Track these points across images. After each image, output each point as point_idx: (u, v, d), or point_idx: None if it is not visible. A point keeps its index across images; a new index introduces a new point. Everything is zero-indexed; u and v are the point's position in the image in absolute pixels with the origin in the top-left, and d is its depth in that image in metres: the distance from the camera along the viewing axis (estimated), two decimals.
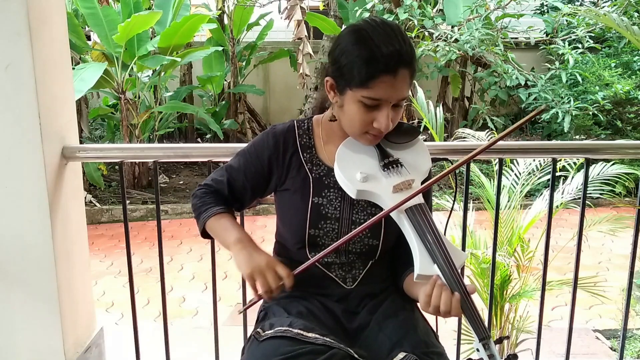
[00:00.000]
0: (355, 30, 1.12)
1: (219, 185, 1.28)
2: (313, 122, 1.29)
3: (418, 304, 1.08)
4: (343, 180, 1.17)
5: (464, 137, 2.67)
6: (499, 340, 1.09)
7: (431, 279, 1.05)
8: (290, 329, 1.11)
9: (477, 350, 1.03)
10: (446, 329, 2.30)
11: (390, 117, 1.12)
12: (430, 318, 1.23)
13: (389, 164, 1.18)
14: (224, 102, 7.15)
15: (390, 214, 1.13)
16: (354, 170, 1.16)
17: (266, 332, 1.13)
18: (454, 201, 1.34)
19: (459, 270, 1.08)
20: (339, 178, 1.18)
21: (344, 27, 4.71)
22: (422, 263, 1.07)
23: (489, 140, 2.57)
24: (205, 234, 1.29)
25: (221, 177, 1.28)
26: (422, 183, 1.19)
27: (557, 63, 6.33)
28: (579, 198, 1.78)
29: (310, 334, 1.10)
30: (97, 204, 5.51)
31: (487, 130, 2.85)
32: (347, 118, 1.15)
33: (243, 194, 1.28)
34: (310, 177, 1.22)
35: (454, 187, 1.30)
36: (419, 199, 1.13)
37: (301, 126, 1.27)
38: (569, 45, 6.29)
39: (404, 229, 1.12)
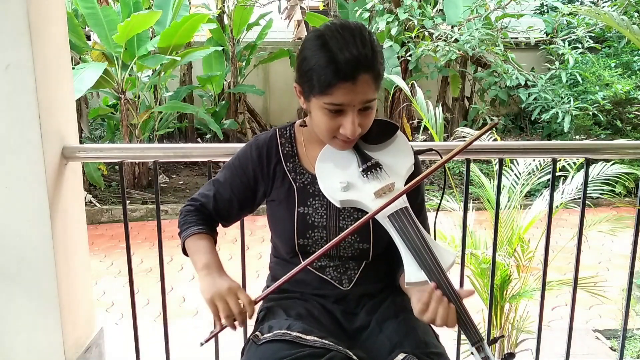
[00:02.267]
0: (317, 36, 1.08)
1: (205, 199, 1.27)
2: (295, 129, 1.27)
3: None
4: (325, 191, 1.15)
5: (464, 137, 2.67)
6: (494, 341, 1.09)
7: (428, 287, 1.03)
8: (289, 332, 1.11)
9: (472, 353, 1.02)
10: (446, 329, 2.29)
11: (359, 122, 1.08)
12: None
13: (369, 168, 1.15)
14: (224, 102, 7.15)
15: (377, 219, 1.11)
16: (334, 180, 1.15)
17: (265, 336, 1.12)
18: (441, 198, 1.32)
19: (448, 273, 1.06)
20: (321, 188, 1.17)
21: None
22: (410, 270, 1.06)
23: (488, 139, 2.57)
24: (186, 252, 1.27)
25: (208, 191, 1.27)
26: (407, 182, 1.17)
27: (557, 63, 6.33)
28: (579, 198, 1.78)
29: (308, 337, 1.09)
30: (97, 204, 5.51)
31: None
32: (315, 124, 1.14)
33: (230, 207, 1.26)
34: (295, 187, 1.21)
35: (443, 185, 1.29)
36: (402, 203, 1.11)
37: (283, 134, 1.26)
38: (569, 45, 6.29)
39: (391, 233, 1.11)
